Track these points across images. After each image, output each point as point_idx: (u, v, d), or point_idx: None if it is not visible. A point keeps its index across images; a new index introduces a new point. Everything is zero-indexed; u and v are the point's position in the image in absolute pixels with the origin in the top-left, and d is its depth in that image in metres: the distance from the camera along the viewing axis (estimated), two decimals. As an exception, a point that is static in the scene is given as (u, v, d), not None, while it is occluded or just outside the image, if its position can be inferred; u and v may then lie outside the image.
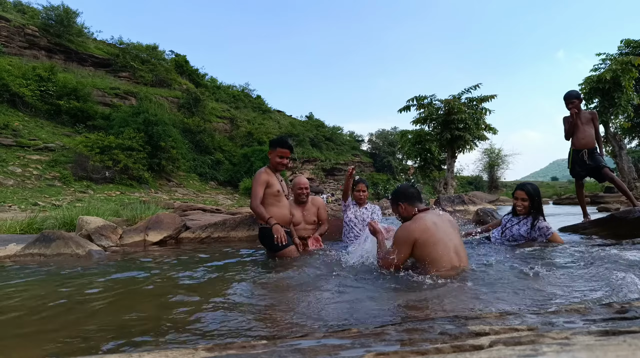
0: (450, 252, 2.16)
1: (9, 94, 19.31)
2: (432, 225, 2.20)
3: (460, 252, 2.23)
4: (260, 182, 3.10)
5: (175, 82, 33.02)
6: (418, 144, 19.90)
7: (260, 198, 3.08)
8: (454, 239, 2.25)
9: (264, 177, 3.12)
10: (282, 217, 3.17)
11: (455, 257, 2.18)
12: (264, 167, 3.24)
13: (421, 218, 2.24)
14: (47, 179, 16.20)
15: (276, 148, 3.19)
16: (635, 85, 15.59)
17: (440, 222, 2.27)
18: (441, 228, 2.22)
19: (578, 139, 4.68)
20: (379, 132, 50.01)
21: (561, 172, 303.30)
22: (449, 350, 0.79)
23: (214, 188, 26.52)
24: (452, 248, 2.19)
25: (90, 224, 4.25)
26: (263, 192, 3.10)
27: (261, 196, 3.09)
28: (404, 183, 2.61)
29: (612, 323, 1.00)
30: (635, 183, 15.43)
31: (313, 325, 1.41)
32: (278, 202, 3.17)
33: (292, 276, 2.39)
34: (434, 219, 2.25)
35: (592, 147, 4.64)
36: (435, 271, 2.09)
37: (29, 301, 1.92)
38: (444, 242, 2.16)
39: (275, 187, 3.15)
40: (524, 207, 3.22)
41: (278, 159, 3.19)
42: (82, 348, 1.27)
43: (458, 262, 2.17)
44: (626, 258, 2.44)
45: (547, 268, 2.26)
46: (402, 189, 2.47)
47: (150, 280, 2.40)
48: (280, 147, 3.19)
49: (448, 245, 2.18)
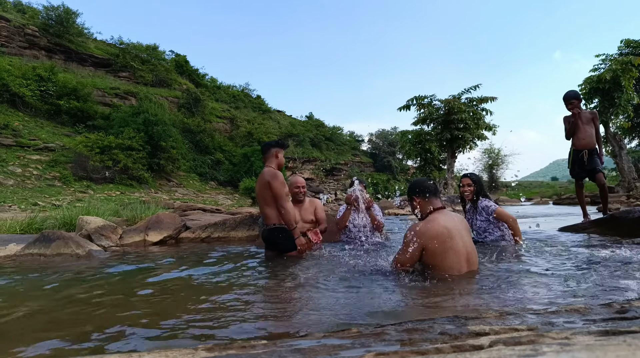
0: (461, 260, 2.05)
1: (9, 94, 19.31)
2: (444, 230, 2.04)
3: (472, 258, 2.12)
4: (283, 181, 3.10)
5: (175, 82, 33.01)
6: (418, 144, 19.91)
7: (286, 198, 3.08)
8: (467, 245, 2.12)
9: (282, 177, 3.12)
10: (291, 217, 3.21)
11: (466, 265, 2.08)
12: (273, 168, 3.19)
13: (433, 221, 2.08)
14: (47, 179, 16.20)
15: (279, 147, 3.25)
16: (635, 85, 15.57)
17: (454, 225, 2.10)
18: (455, 233, 2.06)
19: (579, 139, 4.68)
20: (379, 132, 49.98)
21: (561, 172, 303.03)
22: (449, 350, 0.79)
23: (214, 188, 26.51)
24: (463, 255, 2.07)
25: (90, 224, 4.25)
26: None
27: (286, 196, 3.10)
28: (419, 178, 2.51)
29: (612, 323, 1.00)
30: (635, 183, 15.43)
31: (313, 325, 1.41)
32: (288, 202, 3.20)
33: (291, 276, 2.39)
34: (447, 224, 2.08)
35: (593, 148, 4.64)
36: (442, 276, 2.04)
37: (28, 301, 1.92)
38: (455, 250, 2.03)
39: (287, 188, 3.19)
40: (470, 191, 3.60)
41: (283, 159, 3.26)
42: (82, 348, 1.27)
43: (467, 269, 2.09)
44: (626, 258, 2.44)
45: (547, 268, 2.26)
46: (418, 183, 2.29)
47: (150, 280, 2.40)
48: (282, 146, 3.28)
49: (460, 252, 2.05)
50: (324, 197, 29.53)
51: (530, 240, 3.61)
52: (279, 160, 3.21)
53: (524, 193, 31.93)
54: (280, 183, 3.05)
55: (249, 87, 44.80)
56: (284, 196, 3.05)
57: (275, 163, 3.20)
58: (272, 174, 3.08)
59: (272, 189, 3.04)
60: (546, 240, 3.65)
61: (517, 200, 21.59)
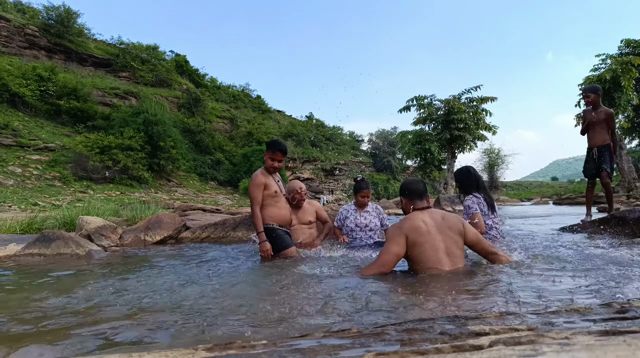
0: (439, 254, 2.11)
1: (9, 94, 19.32)
2: (421, 224, 2.15)
3: (453, 253, 2.15)
4: (258, 185, 3.12)
5: (175, 82, 33.02)
6: (418, 144, 19.93)
7: (260, 202, 3.11)
8: (448, 240, 2.16)
9: (260, 180, 3.14)
10: (282, 217, 3.20)
11: (446, 259, 2.11)
12: (260, 169, 3.24)
13: (410, 218, 2.21)
14: (47, 179, 16.21)
15: (269, 150, 3.21)
16: (635, 85, 15.57)
17: (432, 221, 2.19)
18: (432, 228, 2.16)
19: (590, 137, 4.76)
20: (379, 132, 50.00)
21: (561, 172, 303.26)
22: (449, 350, 0.79)
23: (214, 188, 26.52)
24: (442, 249, 2.12)
25: (90, 224, 4.25)
26: (262, 195, 3.12)
27: (260, 200, 3.11)
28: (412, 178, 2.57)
29: (612, 323, 1.00)
30: (635, 183, 15.42)
31: (313, 325, 1.41)
32: (276, 203, 3.19)
33: (291, 276, 2.39)
34: (424, 219, 2.19)
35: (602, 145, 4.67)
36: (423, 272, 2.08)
37: (27, 301, 1.92)
38: (431, 244, 2.11)
39: (272, 188, 3.17)
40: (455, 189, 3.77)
41: (270, 161, 3.20)
42: (82, 348, 1.27)
43: (450, 265, 2.11)
44: (626, 258, 2.44)
45: (547, 268, 2.26)
46: (406, 183, 2.42)
47: (150, 280, 2.40)
48: (273, 150, 3.19)
49: (437, 246, 2.12)
50: (324, 198, 29.55)
51: (531, 240, 3.61)
52: (266, 160, 3.22)
53: (524, 193, 31.93)
54: (254, 186, 3.12)
55: (249, 87, 44.84)
56: (255, 199, 3.10)
57: (265, 163, 3.24)
58: (252, 176, 3.19)
59: (248, 191, 3.18)
60: (546, 240, 3.64)
61: (517, 200, 21.59)
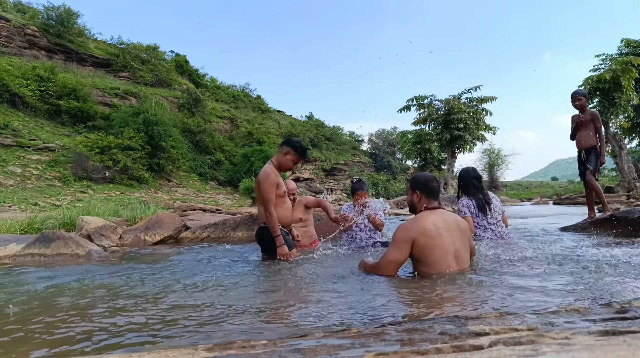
0: (448, 257, 2.09)
1: (9, 94, 19.32)
2: (432, 226, 2.09)
3: (461, 256, 2.14)
4: (273, 184, 2.90)
5: (176, 82, 33.01)
6: (418, 144, 19.93)
7: (274, 202, 2.89)
8: (457, 243, 2.14)
9: (274, 179, 2.93)
10: (285, 218, 3.09)
11: (454, 262, 2.10)
12: (270, 166, 3.00)
13: (421, 219, 2.15)
14: (47, 179, 16.21)
15: (295, 152, 3.04)
16: (635, 85, 15.56)
17: (443, 223, 2.15)
18: (442, 230, 2.11)
19: (578, 140, 4.78)
20: (379, 132, 50.01)
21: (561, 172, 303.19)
22: (449, 350, 0.79)
23: (214, 188, 26.52)
24: (451, 252, 2.10)
25: (90, 224, 4.25)
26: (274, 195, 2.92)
27: (274, 200, 2.90)
28: (427, 173, 2.47)
29: (612, 323, 1.00)
30: (635, 183, 15.42)
31: (313, 325, 1.41)
32: (283, 203, 3.05)
33: (291, 276, 2.39)
34: (435, 220, 2.12)
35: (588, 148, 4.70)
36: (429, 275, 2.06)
37: (27, 301, 1.92)
38: (442, 247, 2.08)
39: (282, 188, 3.00)
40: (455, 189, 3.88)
41: (291, 162, 3.04)
42: (82, 348, 1.27)
43: (456, 267, 2.11)
44: (626, 258, 2.44)
45: (547, 269, 2.26)
46: (423, 179, 2.28)
47: (150, 280, 2.40)
48: (300, 154, 3.05)
49: (447, 249, 2.09)
50: (326, 199, 29.56)
51: (531, 240, 3.60)
52: (284, 159, 3.02)
53: (524, 193, 31.92)
54: (269, 185, 2.87)
55: (248, 87, 44.84)
56: (271, 200, 2.86)
57: (278, 160, 3.04)
58: (265, 174, 2.92)
59: (260, 190, 2.91)
60: (546, 240, 3.64)
61: (517, 200, 21.58)
